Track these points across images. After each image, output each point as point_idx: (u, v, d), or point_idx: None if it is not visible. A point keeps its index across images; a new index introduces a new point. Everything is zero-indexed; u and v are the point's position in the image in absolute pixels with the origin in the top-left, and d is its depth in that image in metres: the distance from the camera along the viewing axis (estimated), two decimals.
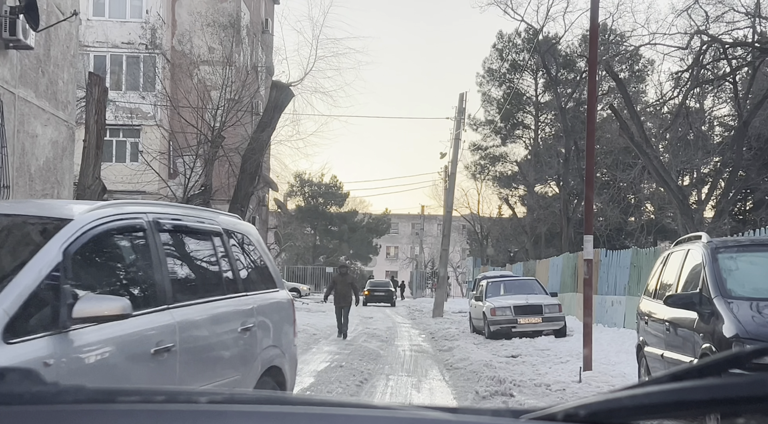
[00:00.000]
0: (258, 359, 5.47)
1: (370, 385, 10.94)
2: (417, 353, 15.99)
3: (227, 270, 5.42)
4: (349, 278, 19.55)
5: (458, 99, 30.61)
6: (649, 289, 8.93)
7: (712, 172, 29.01)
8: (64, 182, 14.97)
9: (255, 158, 17.16)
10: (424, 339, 20.14)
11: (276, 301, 6.13)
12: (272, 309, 5.97)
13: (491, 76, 41.07)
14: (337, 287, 19.13)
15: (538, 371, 12.38)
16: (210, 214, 5.69)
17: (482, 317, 19.55)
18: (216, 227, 5.43)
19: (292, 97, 17.73)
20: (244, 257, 5.91)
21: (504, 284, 20.88)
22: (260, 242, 6.31)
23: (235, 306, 5.32)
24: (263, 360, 5.56)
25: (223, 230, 5.51)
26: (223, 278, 5.33)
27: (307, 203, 66.61)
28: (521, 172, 39.17)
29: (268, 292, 6.05)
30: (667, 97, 21.84)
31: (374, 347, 17.06)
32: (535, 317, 18.70)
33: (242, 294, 5.49)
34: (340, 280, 19.25)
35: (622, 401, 0.95)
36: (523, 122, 42.05)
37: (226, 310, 5.17)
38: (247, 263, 5.94)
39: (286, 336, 6.16)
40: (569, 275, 24.56)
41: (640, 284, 17.77)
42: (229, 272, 5.43)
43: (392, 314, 33.52)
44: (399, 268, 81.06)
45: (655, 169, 17.54)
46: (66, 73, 14.87)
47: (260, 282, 6.02)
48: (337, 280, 19.42)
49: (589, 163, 11.37)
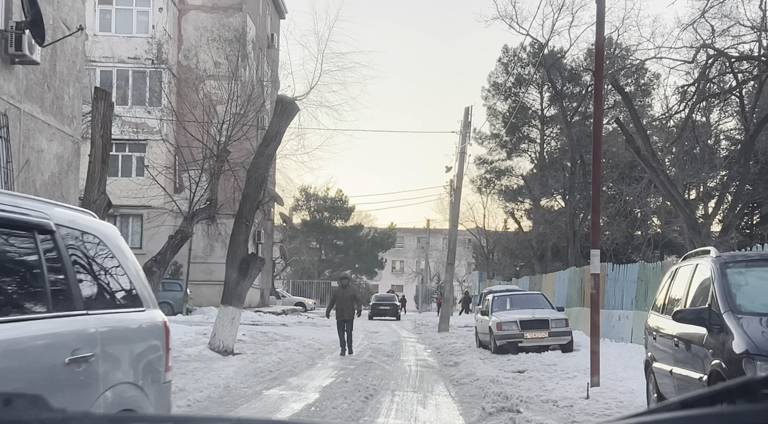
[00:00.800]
0: (99, 399, 4.15)
1: (375, 400, 10.85)
2: (423, 368, 15.90)
3: (56, 280, 4.04)
4: (351, 290, 18.85)
5: (463, 113, 30.64)
6: (657, 304, 8.85)
7: (718, 187, 28.93)
8: (70, 197, 14.97)
9: (260, 172, 17.10)
10: (430, 354, 20.03)
11: (138, 325, 4.87)
12: (130, 335, 4.74)
13: (496, 90, 41.12)
14: (339, 300, 18.43)
15: (545, 386, 12.27)
16: (36, 203, 4.23)
17: (488, 332, 19.45)
18: (43, 220, 4.04)
19: (298, 111, 17.69)
20: (90, 264, 4.56)
21: (510, 299, 20.77)
22: (120, 248, 4.98)
23: (60, 328, 3.97)
24: (109, 402, 4.24)
25: (55, 226, 4.12)
26: (45, 291, 3.93)
27: (313, 217, 66.64)
28: (527, 186, 39.12)
29: (125, 312, 4.78)
30: (673, 111, 21.81)
31: (380, 362, 16.97)
32: (542, 332, 18.59)
33: (78, 313, 4.14)
34: (341, 293, 18.56)
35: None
36: (529, 136, 42.05)
37: (40, 333, 3.81)
38: (94, 274, 4.60)
39: (150, 370, 4.85)
40: (575, 289, 24.45)
41: (647, 298, 17.67)
42: (58, 283, 4.06)
43: (398, 329, 33.41)
44: (405, 282, 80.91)
45: (662, 183, 17.47)
46: (72, 88, 14.90)
47: (113, 299, 4.74)
48: (338, 293, 18.70)
49: (596, 177, 11.31)
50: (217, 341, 16.81)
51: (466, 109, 30.53)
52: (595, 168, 11.46)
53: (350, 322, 18.19)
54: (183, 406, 9.28)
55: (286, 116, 17.24)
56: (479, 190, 43.73)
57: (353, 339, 18.67)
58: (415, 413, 9.99)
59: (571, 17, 35.14)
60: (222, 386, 11.14)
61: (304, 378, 13.33)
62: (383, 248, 71.14)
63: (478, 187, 43.37)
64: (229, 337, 16.88)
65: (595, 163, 11.57)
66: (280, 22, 43.75)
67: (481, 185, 43.34)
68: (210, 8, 35.33)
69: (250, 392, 11.07)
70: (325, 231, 66.37)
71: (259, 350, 18.22)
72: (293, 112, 17.55)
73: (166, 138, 31.04)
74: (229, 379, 12.03)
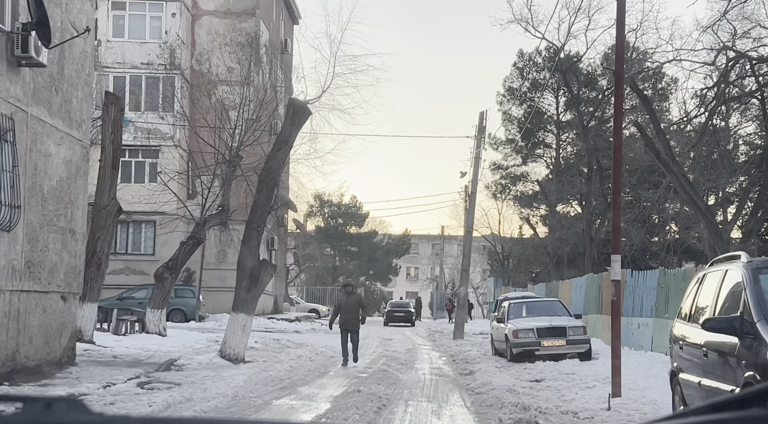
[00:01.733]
0: None
1: (388, 411, 10.50)
2: (437, 377, 15.53)
3: None
4: (356, 297, 17.53)
5: (478, 118, 30.28)
6: (683, 312, 8.46)
7: (738, 192, 28.40)
8: (78, 202, 14.72)
9: (272, 177, 16.82)
10: (445, 362, 19.66)
11: None
12: None
13: (512, 95, 40.72)
14: (344, 309, 17.03)
15: (563, 397, 11.89)
16: None
17: (504, 340, 19.06)
18: None
19: (310, 114, 17.42)
20: None
21: (526, 306, 20.38)
22: None
23: None
24: None
25: None
26: None
27: (327, 224, 66.34)
28: (542, 191, 38.66)
29: None
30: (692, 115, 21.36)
31: (393, 370, 16.61)
32: (559, 340, 18.19)
33: None
34: (345, 301, 17.12)
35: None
36: (544, 141, 41.60)
37: None
38: None
39: None
40: (593, 296, 24.00)
41: (668, 306, 17.24)
42: None
43: (412, 336, 33.03)
44: (419, 288, 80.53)
45: (682, 187, 17.05)
46: (80, 92, 14.66)
47: None
48: (342, 301, 17.25)
49: (616, 179, 10.94)
50: (228, 348, 16.53)
51: (480, 114, 30.19)
52: (615, 171, 11.09)
53: (355, 332, 16.96)
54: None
55: (298, 120, 16.96)
56: (494, 196, 43.32)
57: (359, 348, 17.45)
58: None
59: (588, 20, 34.64)
60: (230, 396, 10.83)
61: (316, 387, 13.00)
62: (397, 255, 70.73)
63: (493, 192, 42.98)
64: (240, 344, 16.59)
65: (615, 166, 11.20)
66: (294, 28, 43.55)
67: (496, 191, 42.93)
68: (223, 13, 35.16)
69: (259, 401, 10.75)
70: (339, 237, 66.06)
71: (270, 357, 17.92)
72: (305, 115, 17.27)
73: (178, 144, 30.87)
74: (239, 388, 11.71)
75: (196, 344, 20.73)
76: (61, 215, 13.99)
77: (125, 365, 14.96)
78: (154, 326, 22.36)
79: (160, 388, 11.93)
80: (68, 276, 14.31)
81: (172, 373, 14.21)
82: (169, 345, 19.65)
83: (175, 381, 12.77)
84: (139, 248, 33.01)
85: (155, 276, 22.46)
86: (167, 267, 22.39)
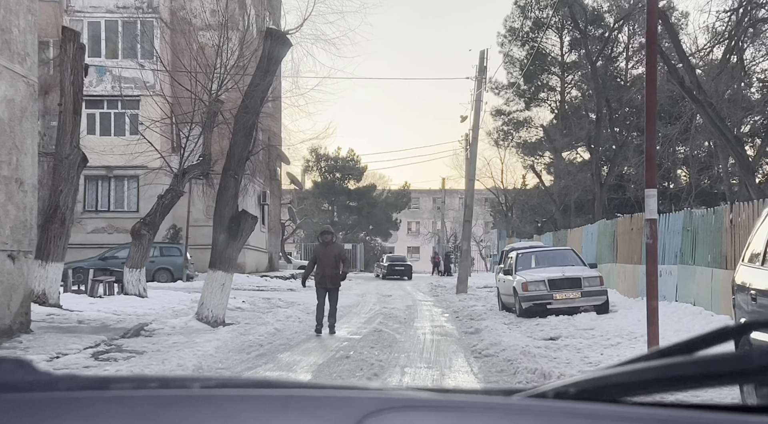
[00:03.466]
0: None
1: (380, 382, 8.79)
2: (439, 337, 13.84)
3: None
4: (336, 247, 14.31)
5: (479, 57, 28.23)
6: (753, 253, 6.66)
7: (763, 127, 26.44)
8: (26, 148, 12.87)
9: (249, 117, 14.92)
10: (448, 319, 17.98)
11: None
12: None
13: (513, 36, 38.47)
14: (320, 261, 13.99)
15: (587, 358, 10.19)
16: None
17: (512, 293, 17.36)
18: None
19: (290, 46, 15.46)
20: None
21: (536, 256, 18.65)
22: None
23: None
24: None
25: None
26: None
27: (324, 179, 64.40)
28: (547, 136, 36.65)
29: None
30: (715, 40, 19.31)
31: (390, 329, 14.94)
32: (573, 292, 16.48)
33: None
34: (323, 252, 14.01)
35: (612, 378, 0.97)
36: (548, 84, 39.50)
37: None
38: None
39: None
40: (606, 244, 22.22)
41: (695, 251, 15.49)
42: None
43: (413, 291, 31.41)
44: (421, 243, 79.16)
45: (709, 117, 15.19)
46: (22, 21, 12.72)
47: None
48: (318, 252, 14.16)
49: (650, 100, 9.10)
50: (206, 310, 14.83)
51: (481, 53, 28.16)
52: (649, 92, 9.24)
53: (334, 291, 13.92)
54: None
55: (276, 52, 15.02)
56: (496, 144, 41.30)
57: (337, 314, 14.41)
58: None
59: None
60: (192, 368, 9.09)
61: (299, 353, 11.30)
62: (397, 209, 68.87)
63: (495, 140, 40.94)
64: (218, 305, 14.87)
65: (648, 88, 9.36)
66: None
67: (498, 138, 40.92)
68: None
69: (226, 374, 9.02)
70: (337, 192, 64.18)
71: (255, 319, 16.23)
72: (285, 47, 15.32)
73: (157, 92, 28.85)
74: (206, 357, 9.99)
75: (178, 305, 19.09)
76: (4, 162, 12.16)
77: (89, 331, 13.29)
78: (132, 286, 20.68)
79: (117, 359, 10.23)
80: (16, 232, 12.53)
81: (139, 339, 12.51)
82: (147, 307, 18.05)
83: (138, 349, 11.09)
84: (122, 205, 31.24)
85: (132, 233, 20.70)
86: (144, 223, 20.61)
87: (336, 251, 14.20)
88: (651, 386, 0.95)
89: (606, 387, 0.96)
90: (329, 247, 14.11)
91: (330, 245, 14.15)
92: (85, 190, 30.92)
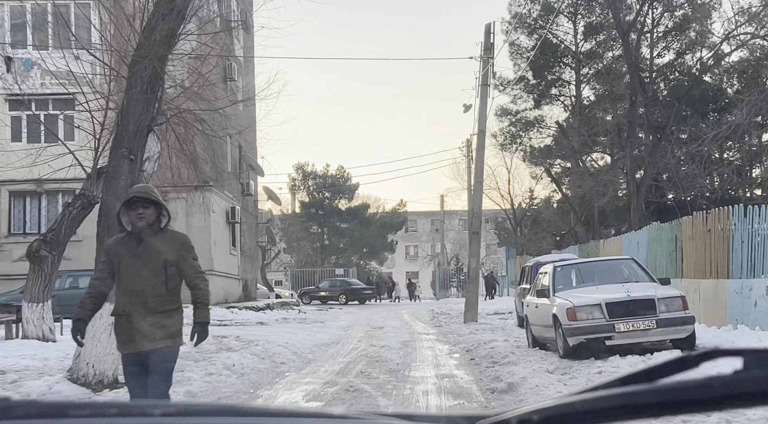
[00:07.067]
0: None
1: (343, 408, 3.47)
2: (451, 402, 8.47)
3: None
4: (170, 240, 5.45)
5: (484, 33, 23.07)
6: None
7: None
8: None
9: (147, 66, 9.71)
10: (459, 363, 12.59)
11: None
12: None
13: (520, 22, 33.34)
14: (123, 272, 5.33)
15: None
16: None
17: (551, 324, 12.03)
18: None
19: None
20: None
21: (579, 269, 13.33)
22: None
23: None
24: None
25: None
26: None
27: (312, 198, 59.03)
28: (563, 134, 31.37)
29: None
30: None
31: (373, 386, 9.57)
32: (645, 320, 11.15)
33: None
34: (134, 250, 5.37)
35: (575, 405, 0.97)
36: (561, 78, 34.34)
37: None
38: None
39: None
40: (664, 253, 16.84)
41: None
42: None
43: (411, 320, 26.00)
44: (419, 267, 74.17)
45: None
46: None
47: None
48: (116, 249, 5.48)
49: None
50: (83, 365, 9.53)
51: (486, 27, 23.03)
52: None
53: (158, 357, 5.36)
54: None
55: None
56: (502, 148, 35.92)
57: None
58: None
59: None
60: None
61: None
62: (393, 230, 63.42)
63: (501, 143, 35.59)
64: (106, 357, 9.56)
65: None
66: None
67: (504, 141, 35.59)
68: None
69: None
70: (327, 213, 58.81)
71: (176, 371, 10.87)
72: None
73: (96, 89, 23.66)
74: None
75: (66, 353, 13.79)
76: None
77: None
78: (34, 327, 15.35)
79: None
80: None
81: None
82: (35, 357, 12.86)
83: None
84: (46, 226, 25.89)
85: (28, 255, 15.34)
86: (45, 240, 15.28)
87: (174, 245, 5.40)
88: (613, 414, 0.95)
89: (569, 414, 0.97)
90: (153, 236, 5.41)
91: (161, 232, 5.28)
92: (11, 209, 25.70)
